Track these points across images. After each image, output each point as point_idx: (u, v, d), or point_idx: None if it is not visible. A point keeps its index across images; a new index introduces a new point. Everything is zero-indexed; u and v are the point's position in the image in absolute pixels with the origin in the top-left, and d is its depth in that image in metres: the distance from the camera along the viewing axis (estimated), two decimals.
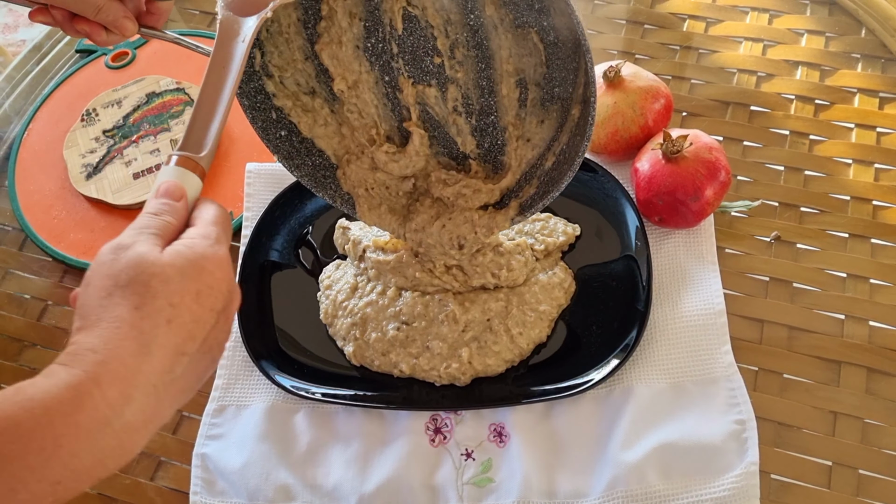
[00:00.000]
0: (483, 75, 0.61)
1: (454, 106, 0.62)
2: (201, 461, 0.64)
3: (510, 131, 0.62)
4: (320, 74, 0.63)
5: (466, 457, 0.62)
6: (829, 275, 0.68)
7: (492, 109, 0.62)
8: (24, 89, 0.91)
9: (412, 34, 0.60)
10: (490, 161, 0.64)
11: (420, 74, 0.61)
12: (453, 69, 0.61)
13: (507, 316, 0.65)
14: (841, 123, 0.77)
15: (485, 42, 0.59)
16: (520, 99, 0.61)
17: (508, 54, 0.59)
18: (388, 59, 0.61)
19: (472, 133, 0.63)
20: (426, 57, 0.60)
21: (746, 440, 0.59)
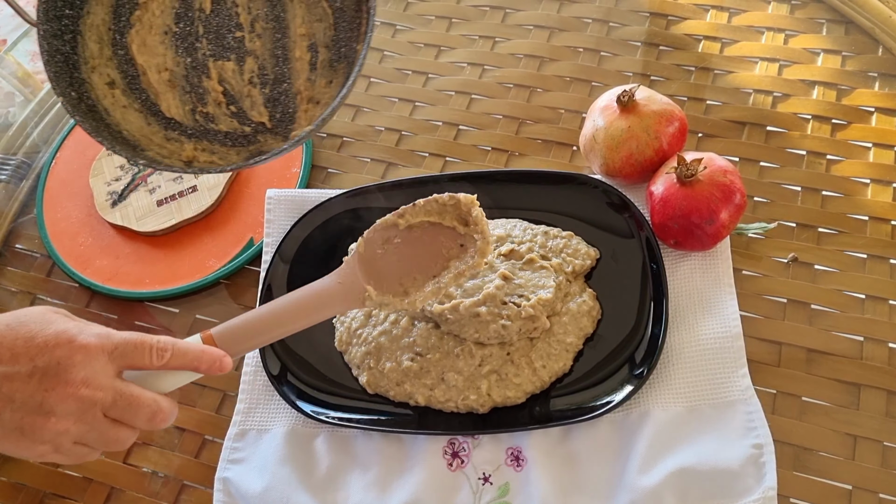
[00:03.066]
0: (279, 44, 0.68)
1: (250, 77, 0.69)
2: (223, 485, 0.65)
3: (301, 95, 0.68)
4: (123, 65, 0.68)
5: (484, 481, 0.63)
6: (847, 296, 0.68)
7: (285, 77, 0.68)
8: (52, 119, 0.94)
9: (218, 14, 0.69)
10: (280, 133, 0.68)
11: (221, 51, 0.69)
12: (252, 41, 0.68)
13: (530, 349, 0.65)
14: (858, 143, 0.76)
15: (281, 14, 0.68)
16: (311, 62, 0.68)
17: (301, 21, 0.68)
18: (192, 40, 0.69)
19: (265, 103, 0.68)
20: (228, 34, 0.69)
21: (764, 464, 0.59)
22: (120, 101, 0.68)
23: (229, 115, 0.69)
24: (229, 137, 0.69)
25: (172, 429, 0.70)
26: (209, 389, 0.71)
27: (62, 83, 0.64)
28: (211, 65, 0.68)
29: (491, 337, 0.64)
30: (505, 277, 0.66)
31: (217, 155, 0.68)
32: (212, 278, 0.76)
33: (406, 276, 0.59)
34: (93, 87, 0.67)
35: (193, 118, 0.69)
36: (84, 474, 0.69)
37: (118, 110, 0.68)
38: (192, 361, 0.54)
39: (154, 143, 0.67)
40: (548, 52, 0.87)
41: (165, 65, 0.68)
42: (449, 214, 0.60)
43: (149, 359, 0.52)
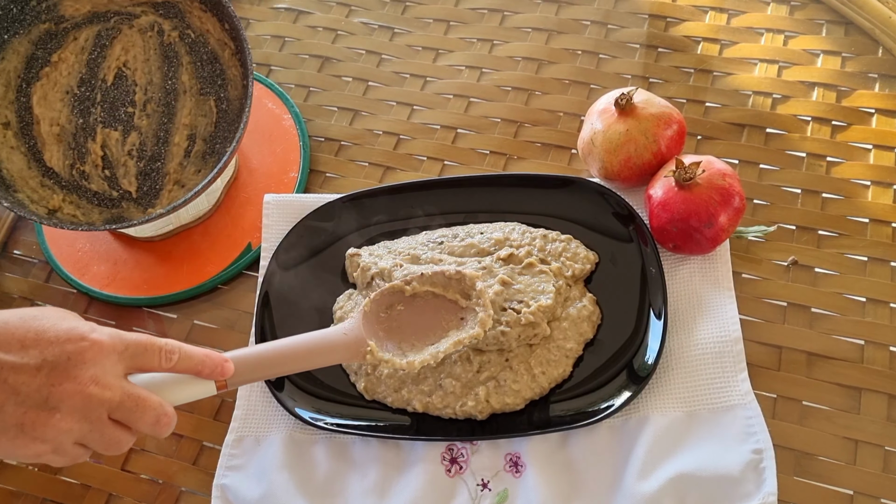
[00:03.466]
0: (163, 128, 0.76)
1: (130, 150, 0.75)
2: (221, 492, 0.65)
3: (170, 176, 0.75)
4: (21, 110, 0.74)
5: (482, 487, 0.62)
6: (848, 299, 0.68)
7: (161, 157, 0.76)
8: None
9: (118, 88, 0.76)
10: (143, 203, 0.75)
11: (111, 120, 0.75)
12: (140, 118, 0.75)
13: (530, 355, 0.64)
14: (859, 145, 0.76)
15: (173, 102, 0.76)
16: (186, 150, 0.75)
17: (188, 112, 0.76)
18: (89, 104, 0.75)
19: (137, 176, 0.75)
20: (121, 107, 0.76)
21: (764, 470, 0.58)
22: (9, 142, 0.74)
23: (102, 178, 0.75)
24: (97, 197, 0.75)
25: (170, 435, 0.69)
26: None
27: None
28: (99, 130, 0.75)
29: (490, 343, 0.64)
30: (504, 283, 0.66)
31: (81, 210, 0.74)
32: (210, 284, 0.76)
33: (405, 342, 0.62)
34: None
35: (70, 173, 0.75)
36: (82, 481, 0.69)
37: (5, 150, 0.74)
38: (197, 365, 0.54)
39: (29, 185, 0.74)
40: (546, 54, 0.87)
41: (59, 120, 0.75)
42: (452, 288, 0.63)
43: (157, 361, 0.52)
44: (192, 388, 0.55)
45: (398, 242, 0.72)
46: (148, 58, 0.76)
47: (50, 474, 0.69)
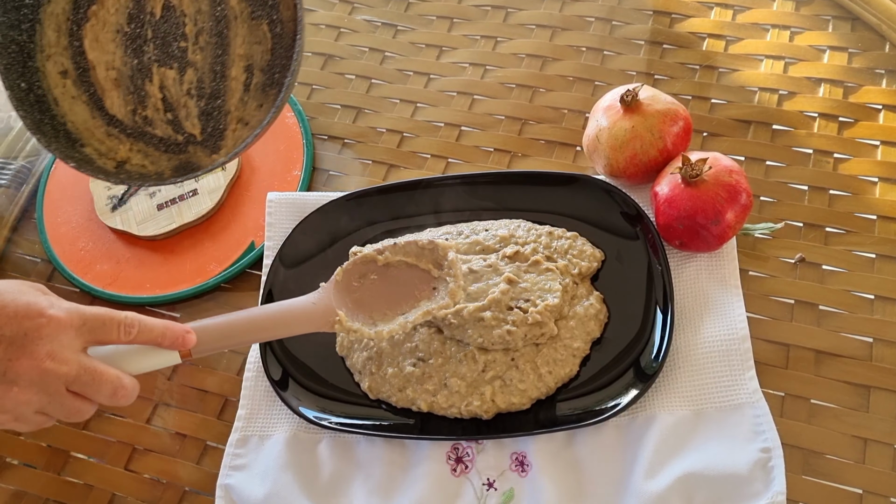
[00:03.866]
0: (218, 60, 0.71)
1: (188, 89, 0.71)
2: (225, 492, 0.64)
3: (232, 114, 0.71)
4: (76, 56, 0.71)
5: (488, 486, 0.62)
6: (856, 297, 0.67)
7: (220, 93, 0.71)
8: None
9: (167, 21, 0.71)
10: (209, 146, 0.71)
11: (165, 58, 0.72)
12: (194, 53, 0.71)
13: (536, 354, 0.64)
14: (866, 141, 0.75)
15: (225, 30, 0.71)
16: (245, 83, 0.71)
17: (242, 41, 0.70)
18: (141, 42, 0.72)
19: (199, 116, 0.71)
20: (174, 42, 0.71)
21: (773, 469, 0.58)
22: (70, 92, 0.71)
23: (165, 122, 0.72)
24: (163, 143, 0.72)
25: (174, 435, 0.69)
26: (211, 395, 0.71)
27: (12, 75, 0.69)
28: (154, 70, 0.72)
29: (495, 342, 0.63)
30: (510, 281, 0.65)
31: (150, 159, 0.72)
32: (213, 283, 0.76)
33: (376, 311, 0.61)
34: (45, 76, 0.71)
35: (133, 119, 0.72)
36: (86, 481, 0.68)
37: (67, 100, 0.71)
38: (158, 337, 0.55)
39: (95, 137, 0.71)
40: (550, 51, 0.86)
41: (114, 63, 0.72)
42: (426, 258, 0.63)
43: (116, 334, 0.53)
44: (155, 358, 0.56)
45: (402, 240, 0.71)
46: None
47: (53, 474, 0.69)
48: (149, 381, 0.72)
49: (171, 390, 0.71)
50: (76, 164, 0.68)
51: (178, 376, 0.72)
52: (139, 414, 0.71)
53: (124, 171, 0.71)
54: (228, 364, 0.72)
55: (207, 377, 0.72)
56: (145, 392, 0.71)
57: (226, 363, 0.72)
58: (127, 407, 0.71)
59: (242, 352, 0.72)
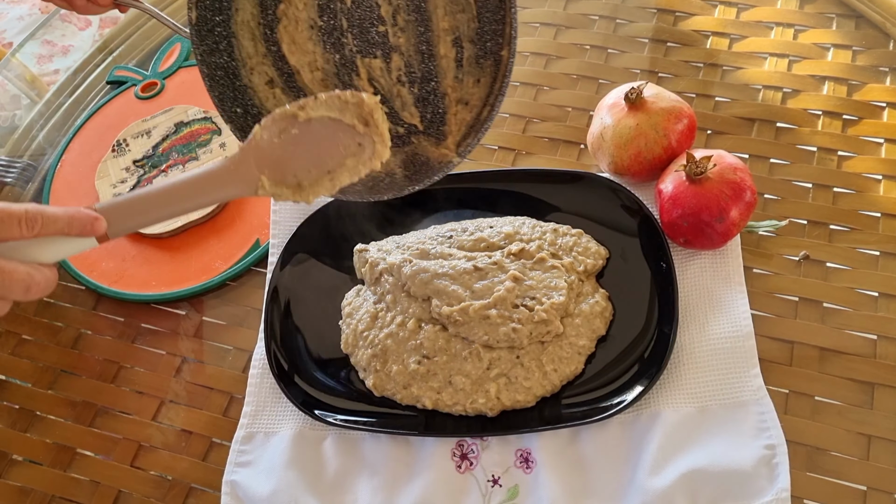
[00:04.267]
0: (422, 39, 0.66)
1: (398, 76, 0.67)
2: (230, 488, 0.64)
3: (450, 96, 0.66)
4: (277, 62, 0.66)
5: (493, 483, 0.62)
6: (860, 294, 0.67)
7: (432, 75, 0.66)
8: (57, 121, 0.94)
9: (359, 6, 0.66)
10: (432, 134, 0.66)
11: (367, 47, 0.67)
12: (396, 36, 0.66)
13: (541, 352, 0.64)
14: (870, 139, 0.75)
15: (422, 4, 0.65)
16: (457, 59, 0.65)
17: (444, 12, 0.65)
18: (338, 35, 0.66)
19: (415, 103, 0.66)
20: (371, 28, 0.66)
21: (777, 465, 0.58)
22: (281, 101, 0.68)
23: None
24: None
25: (179, 432, 0.69)
26: (216, 392, 0.71)
27: (227, 103, 0.65)
28: (359, 62, 0.67)
29: (500, 340, 0.63)
30: (515, 279, 0.65)
31: None
32: (218, 280, 0.76)
33: (301, 169, 0.57)
34: (255, 91, 0.67)
35: None
36: (91, 478, 0.69)
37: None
38: (64, 227, 0.52)
39: None
40: (554, 49, 0.86)
41: (316, 63, 0.67)
42: (350, 112, 0.58)
43: (18, 230, 0.51)
44: (68, 246, 0.53)
45: (407, 237, 0.72)
46: None
47: (59, 471, 0.69)
48: (156, 379, 0.72)
49: (177, 388, 0.72)
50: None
51: (184, 374, 0.72)
52: (145, 411, 0.71)
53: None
54: (234, 361, 0.72)
55: (213, 374, 0.72)
56: (151, 389, 0.72)
57: (231, 360, 0.72)
58: (133, 404, 0.71)
59: (248, 349, 0.72)
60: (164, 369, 0.73)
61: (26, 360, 0.76)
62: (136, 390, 0.72)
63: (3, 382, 0.75)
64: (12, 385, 0.75)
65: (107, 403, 0.72)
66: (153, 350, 0.74)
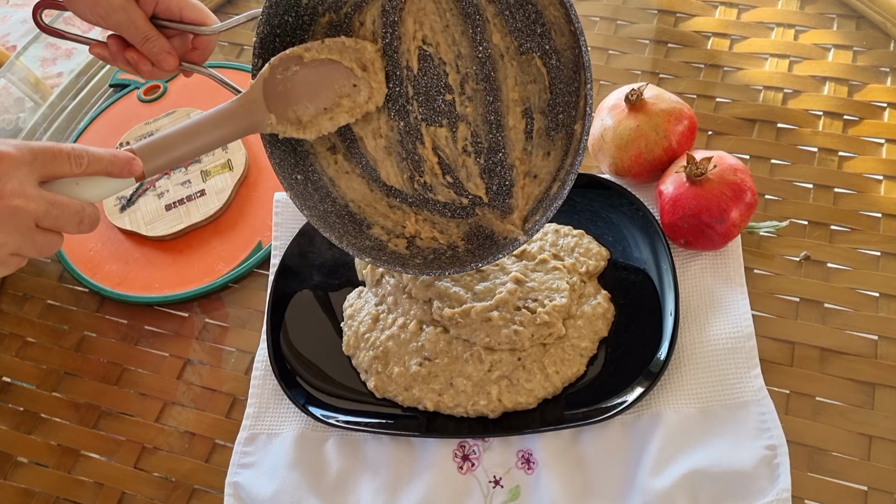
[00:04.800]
0: (491, 108, 0.63)
1: (464, 146, 0.64)
2: (234, 490, 0.65)
3: (517, 168, 0.63)
4: (340, 128, 0.64)
5: (495, 484, 0.62)
6: (861, 294, 0.67)
7: (499, 146, 0.63)
8: (61, 124, 0.94)
9: (426, 74, 0.63)
10: (497, 207, 0.64)
11: (432, 115, 0.64)
12: (463, 105, 0.63)
13: (543, 354, 0.64)
14: (871, 139, 0.75)
15: (492, 73, 0.62)
16: (526, 130, 0.62)
17: (514, 83, 0.61)
18: (403, 102, 0.64)
19: (481, 175, 0.64)
20: (438, 96, 0.63)
21: (778, 466, 0.58)
22: (343, 168, 0.66)
23: (446, 186, 0.65)
24: (448, 208, 0.65)
25: (183, 433, 0.70)
26: (219, 394, 0.71)
27: (286, 169, 0.63)
28: (424, 130, 0.64)
29: (502, 342, 0.63)
30: (517, 281, 0.65)
31: (438, 227, 0.65)
32: (220, 282, 0.76)
33: (299, 105, 0.60)
34: (316, 157, 0.65)
35: (412, 187, 0.66)
36: (95, 480, 0.69)
37: (342, 178, 0.66)
38: (107, 167, 0.54)
39: (378, 212, 0.65)
40: None
41: (380, 131, 0.65)
42: (349, 56, 0.61)
43: (68, 166, 0.53)
44: (110, 185, 0.56)
45: None
46: (446, 24, 0.61)
47: (63, 473, 0.70)
48: (159, 382, 0.73)
49: (181, 390, 0.72)
50: (371, 257, 0.62)
51: (187, 376, 0.73)
52: (149, 413, 0.71)
53: (416, 247, 0.64)
54: (237, 363, 0.72)
55: (216, 376, 0.72)
56: (155, 391, 0.72)
57: (234, 362, 0.73)
58: (136, 406, 0.72)
59: (250, 351, 0.72)
60: (167, 371, 0.73)
61: (30, 363, 0.76)
62: (139, 392, 0.73)
63: (7, 385, 0.76)
64: (17, 387, 0.75)
65: (110, 405, 0.72)
66: (156, 352, 0.75)
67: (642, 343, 0.65)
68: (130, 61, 0.66)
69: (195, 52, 0.68)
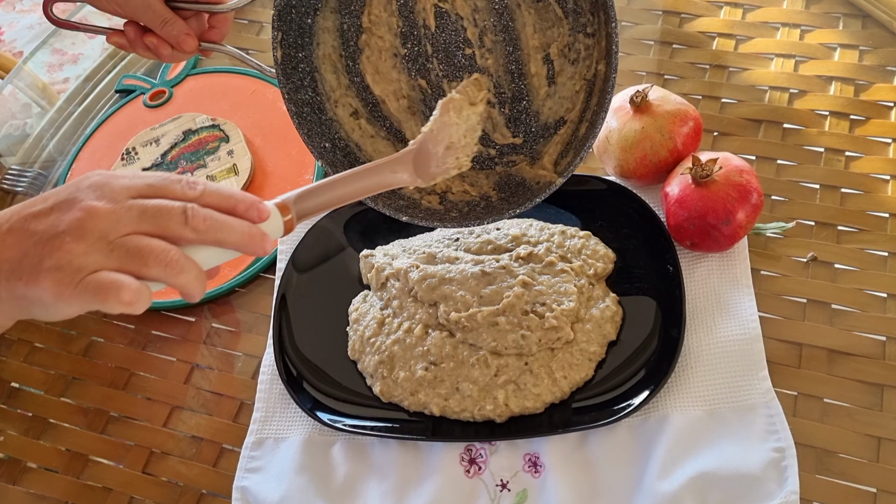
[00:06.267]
0: (511, 58, 0.63)
1: (487, 98, 0.63)
2: (241, 494, 0.65)
3: (543, 114, 0.63)
4: (361, 92, 0.65)
5: (502, 487, 0.62)
6: (868, 295, 0.67)
7: (523, 94, 0.64)
8: (67, 130, 0.94)
9: (444, 30, 0.64)
10: (527, 153, 0.64)
11: (453, 71, 0.64)
12: (483, 58, 0.63)
13: (551, 358, 0.64)
14: (877, 139, 0.75)
15: (510, 24, 0.62)
16: (548, 76, 0.63)
17: (533, 30, 0.62)
18: (423, 61, 0.64)
19: (507, 124, 0.65)
20: (457, 51, 0.64)
21: (786, 468, 0.58)
22: (367, 132, 0.66)
23: None
24: (476, 161, 0.65)
25: (191, 438, 0.70)
26: (226, 398, 0.71)
27: (315, 138, 0.64)
28: (446, 86, 0.65)
29: (509, 347, 0.63)
30: (525, 284, 0.65)
31: (468, 181, 0.65)
32: (227, 287, 0.76)
33: (433, 160, 0.57)
34: (340, 124, 0.66)
35: None
36: (104, 484, 0.69)
37: (367, 142, 0.66)
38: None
39: None
40: None
41: (402, 91, 0.66)
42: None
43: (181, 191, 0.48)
44: (225, 256, 0.50)
45: (413, 240, 0.72)
46: None
47: (72, 478, 0.70)
48: (166, 386, 0.73)
49: (188, 394, 0.72)
50: (406, 214, 0.62)
51: (195, 380, 0.73)
52: (156, 418, 0.71)
53: (449, 202, 0.64)
54: (243, 368, 0.73)
55: (223, 381, 0.72)
56: (162, 396, 0.72)
57: (241, 367, 0.73)
58: (144, 411, 0.72)
59: (257, 355, 0.72)
60: (174, 376, 0.73)
61: (39, 368, 0.77)
62: (147, 397, 0.73)
63: (16, 390, 0.76)
64: (25, 393, 0.76)
65: (118, 410, 0.73)
66: (164, 357, 0.75)
67: (648, 345, 0.65)
68: (150, 46, 0.66)
69: (213, 31, 0.68)
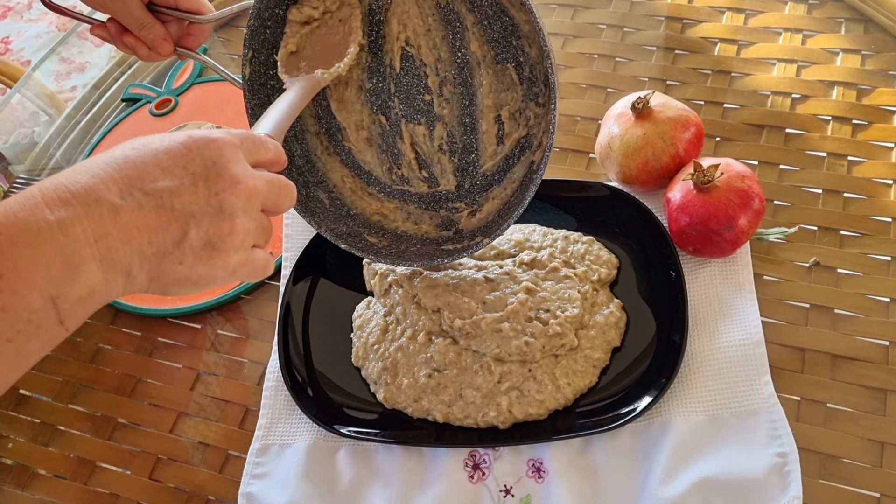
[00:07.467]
0: (466, 112, 0.67)
1: (440, 144, 0.68)
2: (247, 500, 0.65)
3: (488, 170, 0.67)
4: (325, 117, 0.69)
5: (505, 493, 0.63)
6: (871, 300, 0.67)
7: (473, 147, 0.67)
8: (75, 138, 0.95)
9: (407, 73, 0.67)
10: (468, 203, 0.68)
11: (412, 113, 0.68)
12: (441, 106, 0.67)
13: (555, 365, 0.64)
14: (880, 143, 0.75)
15: (469, 79, 0.66)
16: (497, 135, 0.66)
17: (489, 89, 0.65)
18: (385, 98, 0.68)
19: (454, 172, 0.68)
20: (418, 95, 0.67)
21: (789, 473, 0.58)
22: (328, 149, 0.70)
23: (422, 180, 0.70)
24: (423, 200, 0.70)
25: (196, 444, 0.70)
26: (232, 404, 0.72)
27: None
28: (403, 126, 0.68)
29: (513, 353, 0.63)
30: (529, 291, 0.65)
31: (412, 218, 0.70)
32: (232, 294, 0.77)
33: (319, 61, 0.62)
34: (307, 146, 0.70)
35: (391, 178, 0.70)
36: (112, 490, 0.70)
37: (324, 160, 0.70)
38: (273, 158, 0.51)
39: (357, 196, 0.70)
40: (562, 59, 0.87)
41: (363, 123, 0.69)
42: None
43: (264, 153, 0.50)
44: None
45: None
46: (428, 28, 0.65)
47: (80, 484, 0.70)
48: (173, 393, 0.73)
49: (194, 401, 0.73)
50: (346, 244, 0.66)
51: (201, 387, 0.73)
52: (163, 424, 0.72)
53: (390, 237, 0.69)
54: (249, 374, 0.73)
55: (229, 387, 0.73)
56: (169, 403, 0.73)
57: (246, 373, 0.73)
58: (151, 417, 0.72)
59: (262, 361, 0.73)
60: (180, 383, 0.74)
61: (46, 375, 0.77)
62: (153, 404, 0.73)
63: (24, 397, 0.77)
64: (33, 399, 0.76)
65: (125, 417, 0.73)
66: (170, 364, 0.75)
67: (651, 351, 0.65)
68: (128, 45, 0.69)
69: (190, 38, 0.71)
